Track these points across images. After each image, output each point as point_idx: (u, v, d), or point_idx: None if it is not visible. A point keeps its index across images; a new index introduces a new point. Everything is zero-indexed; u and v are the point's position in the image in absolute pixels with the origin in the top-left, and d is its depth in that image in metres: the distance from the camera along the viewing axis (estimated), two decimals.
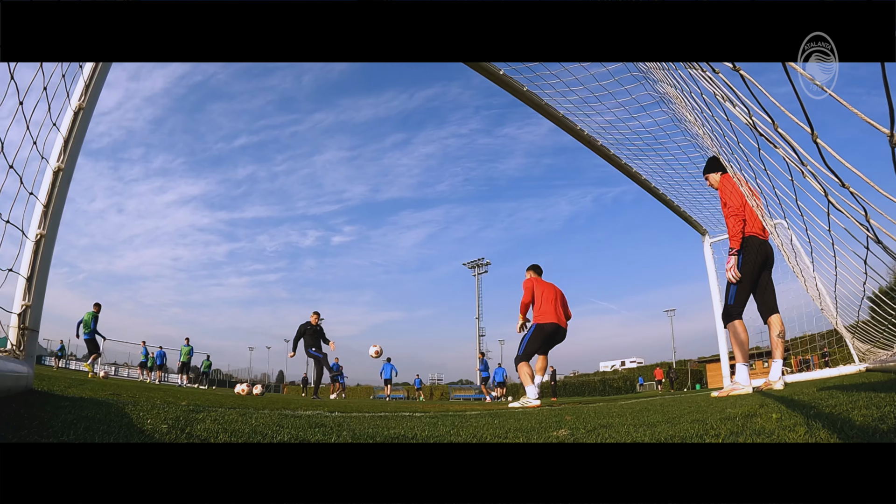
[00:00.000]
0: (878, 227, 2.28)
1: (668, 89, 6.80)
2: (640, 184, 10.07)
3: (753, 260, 6.14)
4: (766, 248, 6.25)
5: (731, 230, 6.24)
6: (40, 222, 3.02)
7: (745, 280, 6.16)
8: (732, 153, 4.90)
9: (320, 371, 15.81)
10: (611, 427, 2.80)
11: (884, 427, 1.65)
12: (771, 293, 6.32)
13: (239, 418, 2.94)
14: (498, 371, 31.17)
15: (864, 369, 8.38)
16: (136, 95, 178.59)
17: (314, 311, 16.03)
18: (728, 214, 6.25)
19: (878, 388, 3.23)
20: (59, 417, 2.13)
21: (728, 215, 6.25)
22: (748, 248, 6.17)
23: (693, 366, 53.45)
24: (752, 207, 6.18)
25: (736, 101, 2.87)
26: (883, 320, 5.97)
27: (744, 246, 6.19)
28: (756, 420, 2.35)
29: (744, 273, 6.14)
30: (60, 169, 3.09)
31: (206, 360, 35.54)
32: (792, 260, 7.67)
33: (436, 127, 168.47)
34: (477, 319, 77.92)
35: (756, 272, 6.19)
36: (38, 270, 2.99)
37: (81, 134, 3.21)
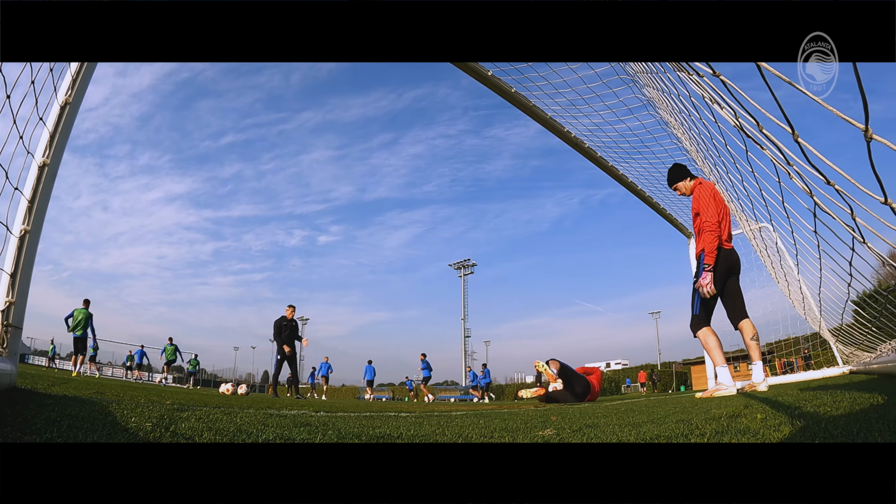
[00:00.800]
0: (864, 224, 2.30)
1: (654, 93, 6.84)
2: (627, 186, 10.12)
3: (721, 271, 6.18)
4: (732, 257, 6.28)
5: (707, 245, 6.13)
6: (25, 218, 2.99)
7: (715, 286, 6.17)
8: (719, 155, 4.94)
9: (279, 369, 15.39)
10: (596, 427, 2.81)
11: (867, 428, 1.67)
12: (739, 299, 6.34)
13: (224, 417, 2.92)
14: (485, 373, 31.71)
15: (847, 371, 8.46)
16: (122, 91, 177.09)
17: (289, 305, 15.61)
18: (704, 229, 6.15)
19: (861, 390, 3.26)
20: (43, 415, 2.11)
21: (704, 230, 6.15)
22: (719, 256, 6.16)
23: (678, 368, 53.64)
24: (724, 215, 6.26)
25: (723, 104, 2.89)
26: (867, 323, 6.02)
27: (717, 254, 6.15)
28: (741, 420, 2.37)
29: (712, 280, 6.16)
30: (46, 164, 3.06)
31: (193, 359, 35.01)
32: (775, 264, 7.74)
33: (424, 127, 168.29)
34: (462, 320, 78.01)
35: (722, 282, 6.22)
36: (21, 267, 2.96)
37: (67, 129, 3.19)
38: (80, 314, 17.50)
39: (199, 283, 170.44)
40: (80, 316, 17.48)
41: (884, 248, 2.53)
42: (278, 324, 15.27)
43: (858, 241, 2.49)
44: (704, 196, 6.24)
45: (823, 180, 2.10)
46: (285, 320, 15.29)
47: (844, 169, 2.01)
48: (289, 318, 15.39)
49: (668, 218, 11.82)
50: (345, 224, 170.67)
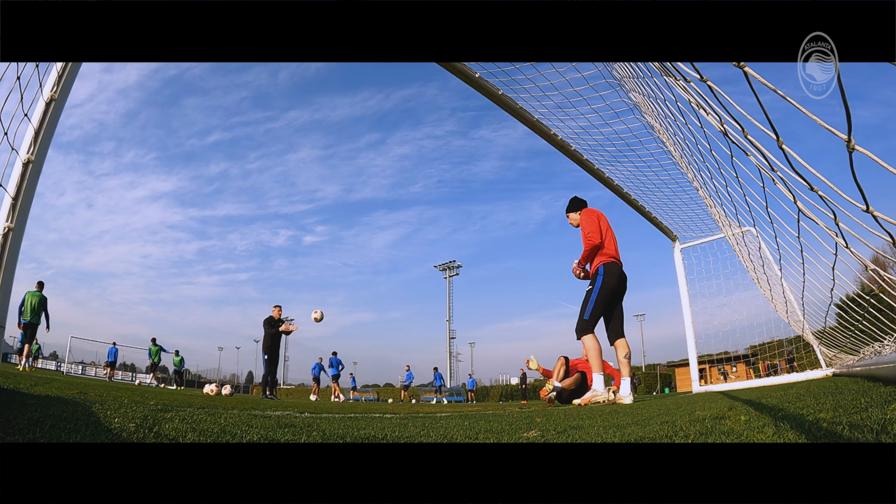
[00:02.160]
0: (847, 229, 2.32)
1: (639, 98, 6.87)
2: (612, 189, 10.14)
3: (614, 284, 7.00)
4: (623, 277, 7.16)
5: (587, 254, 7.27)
6: (8, 215, 2.96)
7: (603, 301, 6.98)
8: (703, 161, 4.97)
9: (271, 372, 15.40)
10: (581, 429, 2.82)
11: (850, 429, 1.68)
12: (620, 319, 7.16)
13: (208, 418, 2.91)
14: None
15: (830, 374, 8.53)
16: (108, 87, 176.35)
17: (276, 305, 15.67)
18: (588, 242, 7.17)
19: (844, 392, 3.28)
20: (25, 415, 2.10)
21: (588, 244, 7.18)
22: (609, 272, 7.02)
23: (662, 370, 53.84)
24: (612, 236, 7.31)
25: (709, 110, 2.91)
26: (850, 326, 6.09)
27: (606, 270, 7.04)
28: (725, 422, 2.38)
29: (603, 294, 6.97)
30: (30, 161, 3.04)
31: (176, 357, 33.70)
32: (758, 268, 7.81)
33: (411, 128, 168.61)
34: (447, 322, 77.95)
35: (611, 296, 7.03)
36: (4, 265, 2.93)
37: (53, 125, 3.16)
38: (33, 298, 15.90)
39: (183, 283, 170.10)
40: (34, 300, 15.88)
41: (867, 252, 2.55)
42: (268, 322, 15.28)
43: (842, 246, 2.52)
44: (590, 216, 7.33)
45: (807, 186, 2.12)
46: (272, 319, 15.30)
47: (829, 173, 2.04)
48: (276, 318, 15.39)
49: (654, 221, 11.85)
50: (330, 224, 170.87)
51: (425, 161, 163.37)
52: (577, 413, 4.47)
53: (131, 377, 42.79)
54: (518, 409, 7.08)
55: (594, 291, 6.99)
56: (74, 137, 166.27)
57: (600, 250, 7.18)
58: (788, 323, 8.67)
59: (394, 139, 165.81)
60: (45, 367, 35.17)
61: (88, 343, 45.87)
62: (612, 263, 7.08)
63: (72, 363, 40.28)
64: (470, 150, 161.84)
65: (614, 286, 6.99)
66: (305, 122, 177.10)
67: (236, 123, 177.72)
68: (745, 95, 2.11)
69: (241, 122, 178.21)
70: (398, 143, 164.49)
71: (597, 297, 6.94)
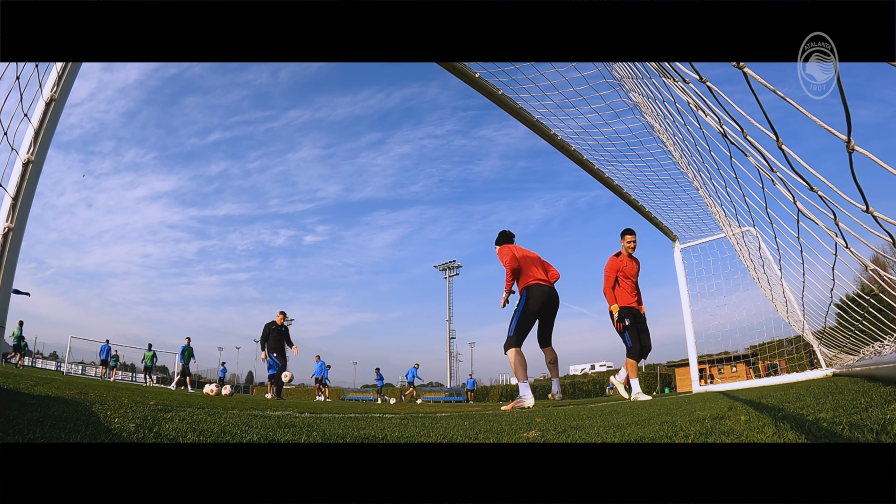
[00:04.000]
0: (847, 229, 2.32)
1: (638, 98, 6.86)
2: (612, 189, 10.12)
3: (537, 301, 7.89)
4: (550, 292, 8.12)
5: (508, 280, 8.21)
6: (8, 215, 2.96)
7: (528, 317, 7.85)
8: (703, 161, 4.96)
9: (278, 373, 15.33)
10: (580, 429, 2.82)
11: (850, 429, 1.68)
12: (549, 328, 8.29)
13: (207, 418, 2.91)
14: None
15: (830, 374, 8.53)
16: (108, 87, 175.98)
17: (280, 311, 15.69)
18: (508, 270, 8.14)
19: (844, 392, 3.28)
20: (25, 415, 2.10)
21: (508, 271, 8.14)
22: (532, 293, 7.91)
23: (662, 370, 53.77)
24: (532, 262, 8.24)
25: (708, 111, 2.91)
26: (850, 326, 6.08)
27: (529, 292, 7.92)
28: (725, 422, 2.38)
29: (526, 311, 7.84)
30: (30, 161, 3.03)
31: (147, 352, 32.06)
32: (758, 268, 7.81)
33: (412, 127, 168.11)
34: (447, 322, 77.89)
35: (536, 311, 7.91)
36: (4, 265, 2.93)
37: (53, 125, 3.15)
38: None
39: (183, 283, 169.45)
40: None
41: (867, 252, 2.55)
42: (266, 328, 15.30)
43: (842, 246, 2.52)
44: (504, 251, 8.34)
45: (807, 187, 2.12)
46: (274, 325, 15.30)
47: (829, 172, 2.03)
48: (279, 323, 15.40)
49: (654, 221, 11.83)
50: (331, 224, 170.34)
51: (426, 160, 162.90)
52: (577, 413, 4.47)
53: (131, 377, 42.71)
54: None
55: (517, 311, 7.92)
56: (74, 137, 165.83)
57: (520, 276, 8.17)
58: (788, 322, 8.67)
59: (395, 138, 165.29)
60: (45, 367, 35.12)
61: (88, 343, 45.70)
62: (535, 285, 8.00)
63: (72, 363, 40.10)
64: (471, 150, 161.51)
65: (539, 304, 7.90)
66: (306, 122, 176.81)
67: (236, 123, 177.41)
68: (745, 95, 2.11)
69: (242, 121, 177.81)
70: (399, 142, 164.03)
71: (519, 317, 7.84)
